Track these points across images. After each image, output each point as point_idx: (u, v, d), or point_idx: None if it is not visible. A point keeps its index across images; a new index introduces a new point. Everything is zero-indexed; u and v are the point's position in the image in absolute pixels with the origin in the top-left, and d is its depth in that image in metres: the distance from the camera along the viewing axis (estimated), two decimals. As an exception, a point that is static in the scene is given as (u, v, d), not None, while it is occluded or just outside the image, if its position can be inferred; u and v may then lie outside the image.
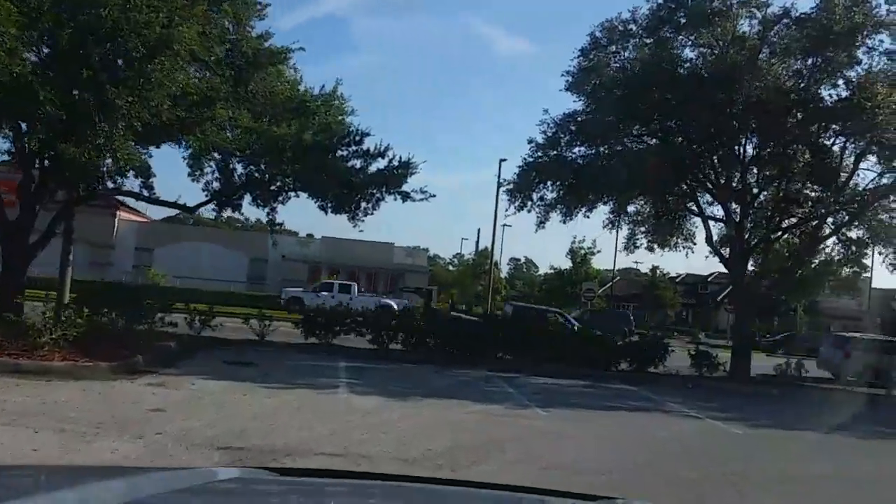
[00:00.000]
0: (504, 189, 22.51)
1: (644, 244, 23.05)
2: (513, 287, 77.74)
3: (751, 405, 15.83)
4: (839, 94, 19.25)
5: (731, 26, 19.22)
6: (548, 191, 21.03)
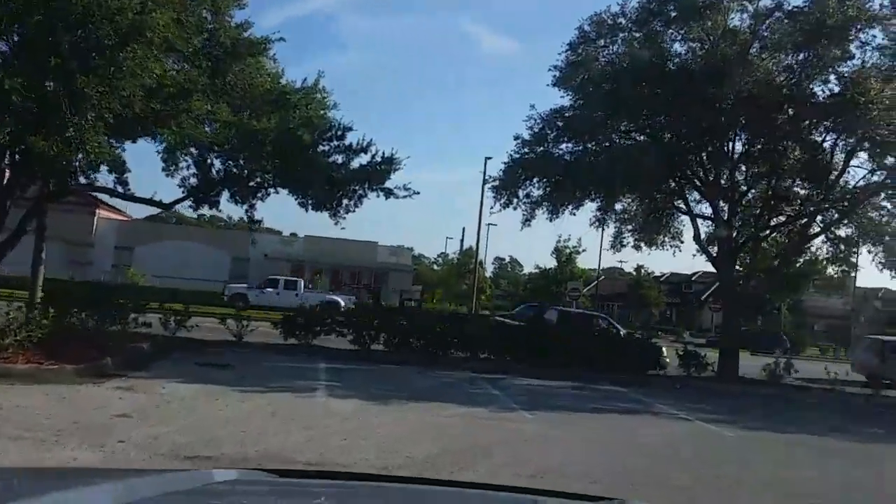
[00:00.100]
0: (490, 186, 22.15)
1: (631, 243, 22.75)
2: (497, 286, 77.55)
3: (740, 406, 15.52)
4: (831, 90, 19.07)
5: (723, 20, 18.87)
6: (534, 188, 20.63)
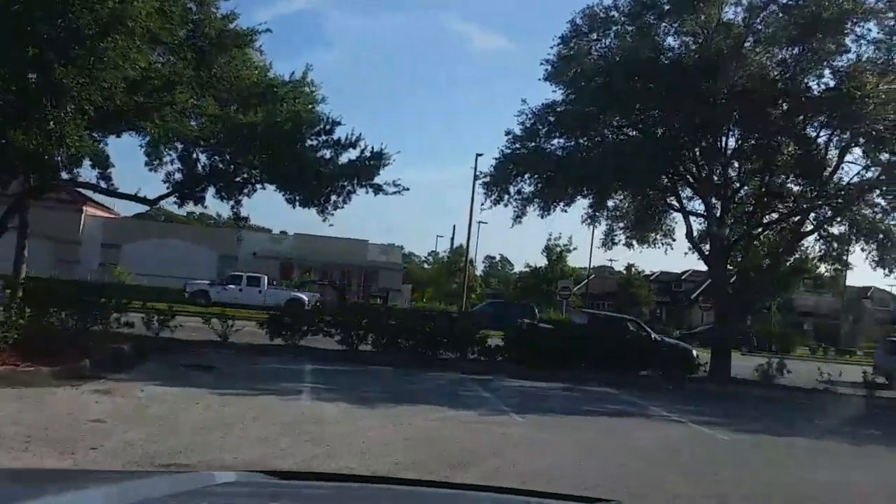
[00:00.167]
0: (480, 182, 21.78)
1: (622, 240, 22.44)
2: (488, 285, 77.31)
3: (734, 408, 15.25)
4: (826, 84, 18.80)
5: (716, 13, 18.56)
6: (525, 184, 20.28)
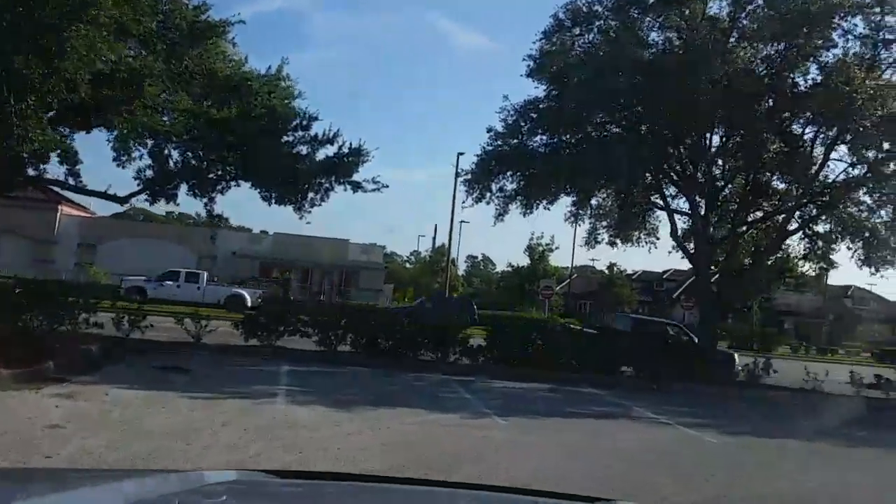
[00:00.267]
0: (462, 180, 21.42)
1: (605, 239, 22.24)
2: (470, 284, 77.07)
3: (720, 409, 14.98)
4: (814, 79, 18.58)
5: (701, 7, 18.30)
6: (507, 181, 19.96)
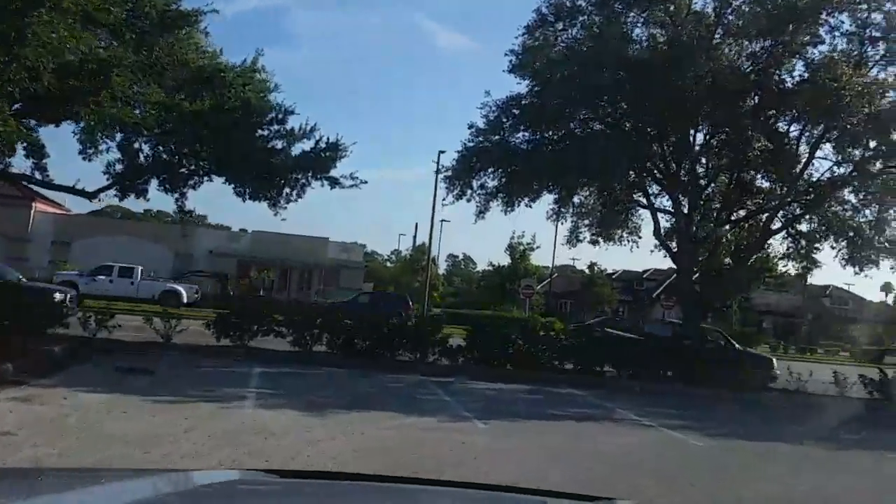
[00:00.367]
0: (443, 176, 21.00)
1: (588, 237, 21.89)
2: (450, 283, 76.80)
3: (703, 411, 14.67)
4: (801, 76, 18.28)
5: (686, 2, 17.96)
6: (489, 178, 19.56)
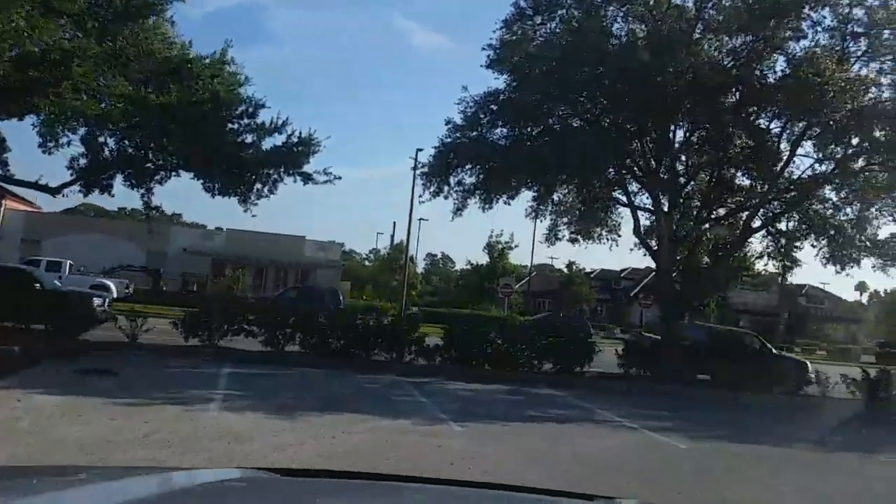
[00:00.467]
0: (419, 172, 20.58)
1: (566, 236, 21.59)
2: (429, 282, 76.48)
3: (686, 411, 14.41)
4: (783, 71, 18.06)
5: (667, -4, 17.75)
6: (466, 175, 19.17)
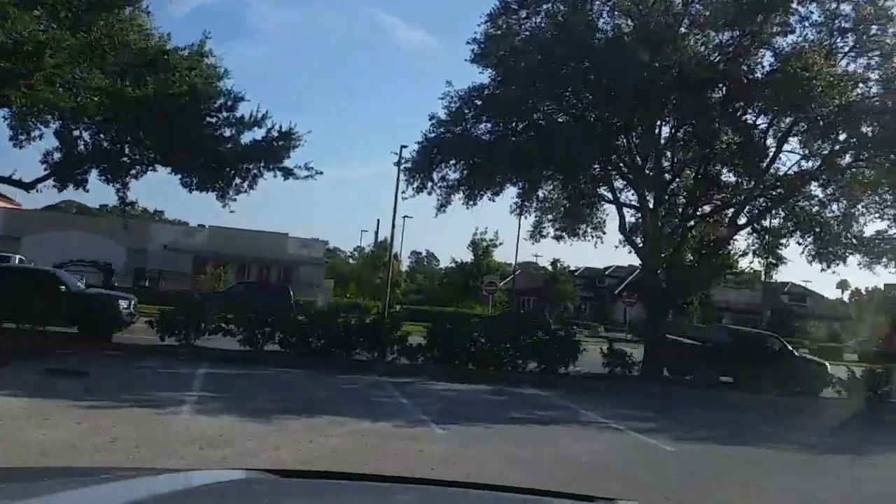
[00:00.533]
0: (403, 167, 20.30)
1: (552, 233, 21.38)
2: (413, 280, 76.22)
3: (672, 411, 14.24)
4: (771, 65, 17.92)
5: (654, -10, 17.54)
6: (450, 170, 18.93)
